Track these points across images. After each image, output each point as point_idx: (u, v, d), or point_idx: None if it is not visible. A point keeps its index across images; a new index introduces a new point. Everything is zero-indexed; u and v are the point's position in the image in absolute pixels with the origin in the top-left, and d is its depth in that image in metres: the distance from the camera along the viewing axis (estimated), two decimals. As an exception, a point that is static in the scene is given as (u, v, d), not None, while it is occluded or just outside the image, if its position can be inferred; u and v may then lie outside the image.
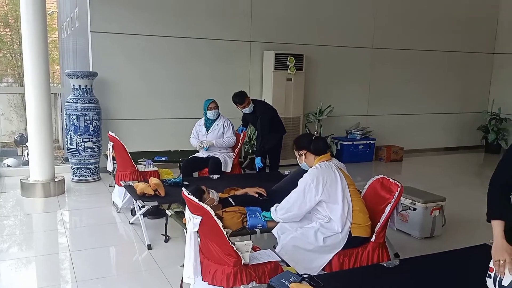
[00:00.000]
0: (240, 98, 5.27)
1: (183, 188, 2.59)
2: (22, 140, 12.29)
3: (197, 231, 2.49)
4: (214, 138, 5.18)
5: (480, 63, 9.26)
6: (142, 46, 6.44)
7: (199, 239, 2.58)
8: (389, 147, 8.08)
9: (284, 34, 7.28)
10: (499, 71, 9.32)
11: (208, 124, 5.25)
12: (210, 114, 5.19)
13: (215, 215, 2.45)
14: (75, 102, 5.88)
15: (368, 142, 7.90)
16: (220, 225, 2.39)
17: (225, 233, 2.42)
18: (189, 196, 2.47)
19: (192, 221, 2.45)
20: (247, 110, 5.33)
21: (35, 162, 5.34)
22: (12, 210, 4.94)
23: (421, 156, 8.63)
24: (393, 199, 2.98)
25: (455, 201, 5.07)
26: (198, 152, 5.34)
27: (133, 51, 6.41)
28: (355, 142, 7.77)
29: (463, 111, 9.30)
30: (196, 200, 2.42)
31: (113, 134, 4.76)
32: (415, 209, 4.17)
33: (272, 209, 3.13)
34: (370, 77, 8.19)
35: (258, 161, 5.32)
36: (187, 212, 2.52)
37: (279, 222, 3.10)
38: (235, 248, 2.44)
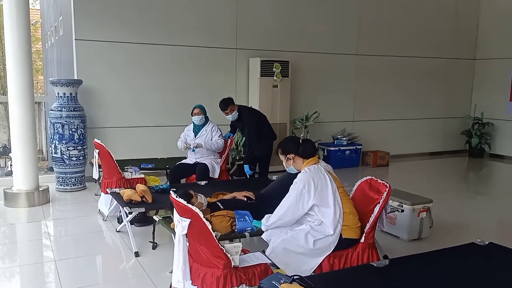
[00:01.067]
0: (223, 104, 5.26)
1: (171, 191, 2.56)
2: (5, 151, 12.05)
3: (186, 234, 2.46)
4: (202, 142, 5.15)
5: (462, 69, 9.45)
6: (127, 54, 6.41)
7: (187, 242, 2.55)
8: (375, 152, 8.14)
9: (269, 41, 7.32)
10: (480, 77, 9.52)
11: (196, 129, 5.23)
12: (195, 119, 5.19)
13: (204, 218, 2.42)
14: (60, 110, 5.81)
15: (354, 147, 7.95)
16: (209, 227, 2.37)
17: (214, 235, 2.39)
18: (177, 198, 2.44)
19: (181, 224, 2.42)
20: (230, 117, 5.31)
21: (19, 171, 5.25)
22: (-5, 221, 4.83)
23: (407, 161, 8.72)
24: (382, 199, 2.99)
25: (441, 204, 5.12)
26: (186, 158, 5.31)
27: (118, 59, 6.37)
28: (341, 148, 7.82)
29: (447, 116, 9.44)
30: (184, 203, 2.39)
31: (99, 141, 4.70)
32: (402, 210, 4.19)
33: (263, 220, 3.10)
34: (355, 83, 8.27)
35: (247, 169, 5.30)
36: (175, 215, 2.49)
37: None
38: (224, 251, 2.41)
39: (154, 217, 3.61)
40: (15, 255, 3.98)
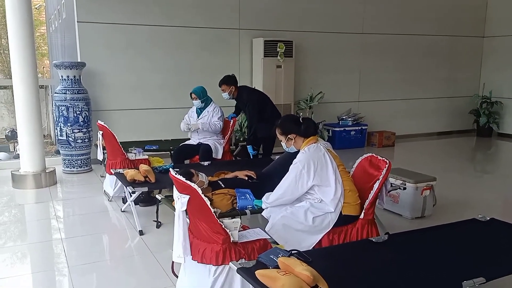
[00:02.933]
0: (220, 81, 5.26)
1: (171, 169, 2.59)
2: (13, 135, 12.17)
3: (186, 210, 2.49)
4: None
5: (471, 47, 9.29)
6: (130, 35, 6.39)
7: (188, 219, 2.59)
8: (381, 133, 8.10)
9: (273, 21, 7.24)
10: (489, 55, 9.36)
11: (199, 111, 5.24)
12: (195, 104, 5.21)
13: (203, 194, 2.45)
14: (64, 93, 5.84)
15: (359, 128, 7.91)
16: (208, 203, 2.39)
17: (213, 211, 2.42)
18: (176, 175, 2.46)
19: (180, 200, 2.45)
20: (223, 95, 5.30)
21: (25, 153, 5.32)
22: (3, 201, 4.91)
23: (414, 141, 8.66)
24: (381, 176, 2.99)
25: (446, 183, 5.11)
26: (189, 139, 5.33)
27: (120, 41, 6.36)
28: (346, 128, 7.79)
29: (454, 95, 9.33)
30: (183, 179, 2.41)
31: (102, 123, 4.73)
32: (404, 188, 4.19)
33: (264, 198, 3.13)
34: (360, 63, 8.18)
35: (250, 149, 5.30)
36: (175, 192, 2.52)
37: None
38: (223, 226, 2.44)
39: (157, 196, 3.66)
40: (25, 234, 4.06)
